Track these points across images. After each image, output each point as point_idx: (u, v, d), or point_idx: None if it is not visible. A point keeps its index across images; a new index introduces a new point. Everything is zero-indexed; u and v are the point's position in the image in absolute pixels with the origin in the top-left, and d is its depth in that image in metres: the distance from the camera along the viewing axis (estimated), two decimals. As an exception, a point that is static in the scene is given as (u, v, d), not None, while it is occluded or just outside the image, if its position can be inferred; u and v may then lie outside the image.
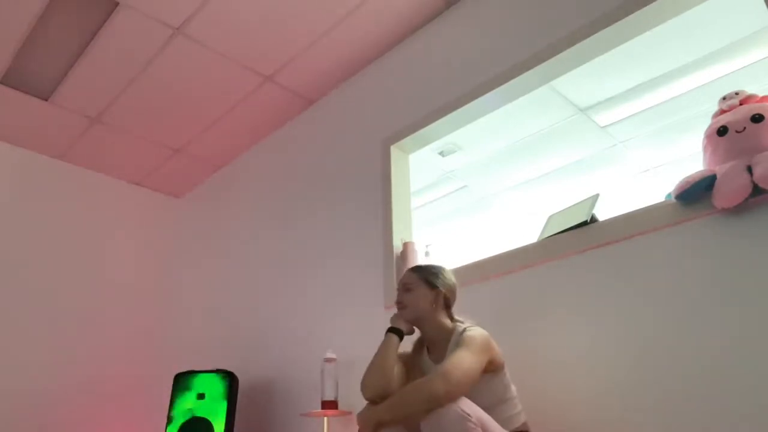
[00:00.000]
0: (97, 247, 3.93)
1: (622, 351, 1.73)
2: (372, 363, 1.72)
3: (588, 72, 2.63)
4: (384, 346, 1.74)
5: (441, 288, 1.77)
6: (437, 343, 1.74)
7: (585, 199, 2.06)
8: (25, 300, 3.50)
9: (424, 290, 1.76)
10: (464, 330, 1.66)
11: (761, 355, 1.45)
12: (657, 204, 1.79)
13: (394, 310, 2.40)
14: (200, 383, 2.95)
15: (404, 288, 1.79)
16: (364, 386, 1.69)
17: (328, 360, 2.49)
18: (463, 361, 1.53)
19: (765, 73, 2.86)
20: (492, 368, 1.63)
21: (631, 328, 1.73)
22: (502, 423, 1.59)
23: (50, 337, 3.54)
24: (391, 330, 1.77)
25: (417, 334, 1.83)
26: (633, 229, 1.79)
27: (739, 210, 1.57)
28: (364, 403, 1.68)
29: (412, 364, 1.79)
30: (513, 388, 1.70)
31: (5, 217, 3.57)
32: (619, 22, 2.04)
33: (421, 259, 2.65)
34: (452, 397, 1.45)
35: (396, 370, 1.70)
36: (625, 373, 1.70)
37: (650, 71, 2.93)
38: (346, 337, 2.66)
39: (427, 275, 1.79)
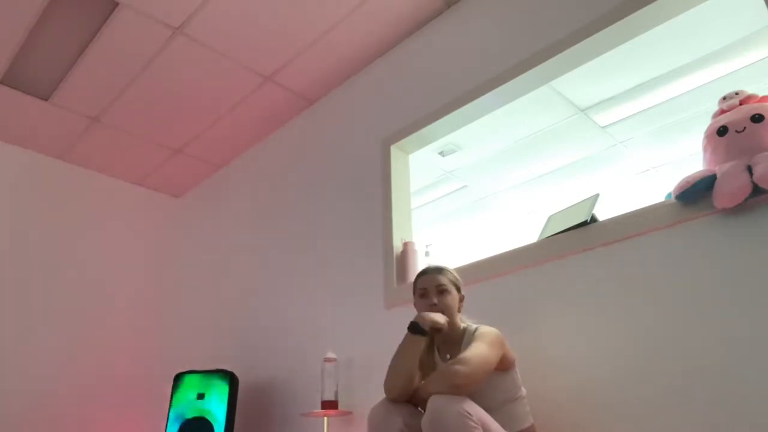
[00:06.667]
0: (97, 247, 3.93)
1: (622, 351, 1.73)
2: (397, 365, 1.66)
3: (588, 72, 2.64)
4: (410, 348, 1.66)
5: (462, 291, 1.84)
6: (450, 343, 1.75)
7: (585, 199, 2.06)
8: (24, 300, 3.50)
9: (455, 293, 1.80)
10: (476, 329, 1.71)
11: (761, 355, 1.45)
12: (657, 204, 1.79)
13: (394, 310, 2.43)
14: (200, 383, 2.95)
15: (438, 290, 1.77)
16: (390, 388, 1.65)
17: (328, 360, 2.49)
18: (480, 351, 1.57)
19: (765, 73, 2.86)
20: (504, 366, 1.66)
21: (631, 328, 1.73)
22: (511, 421, 1.61)
23: (50, 337, 3.54)
24: (417, 332, 1.67)
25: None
26: (633, 229, 1.79)
27: (739, 210, 1.57)
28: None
29: (424, 364, 1.77)
30: (523, 389, 1.71)
31: (5, 217, 3.58)
32: (619, 22, 2.04)
33: (421, 259, 2.65)
34: (470, 382, 1.49)
35: None
36: (624, 372, 1.70)
37: (650, 71, 2.93)
38: (346, 337, 2.66)
39: (453, 278, 1.82)
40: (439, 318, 1.69)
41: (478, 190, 4.16)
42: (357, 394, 2.49)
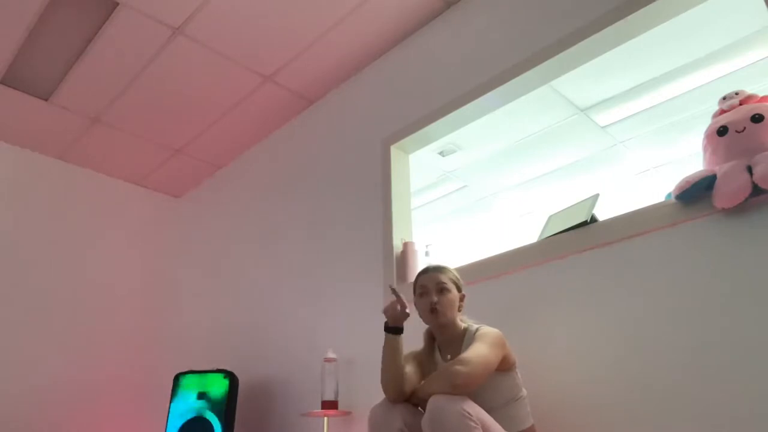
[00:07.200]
0: (97, 247, 3.93)
1: (622, 350, 1.73)
2: (382, 365, 1.68)
3: (588, 72, 2.63)
4: (387, 346, 1.68)
5: (463, 290, 1.82)
6: (451, 344, 1.75)
7: (585, 199, 2.06)
8: (24, 300, 3.50)
9: (455, 293, 1.78)
10: (477, 329, 1.71)
11: (761, 355, 1.46)
12: (657, 204, 1.79)
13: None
14: (200, 383, 2.95)
15: (438, 289, 1.76)
16: (384, 388, 1.67)
17: (328, 360, 2.49)
18: (481, 351, 1.57)
19: (765, 73, 2.86)
20: (505, 366, 1.66)
21: (630, 328, 1.73)
22: (512, 421, 1.61)
23: (50, 337, 3.54)
24: (387, 330, 1.70)
25: (414, 331, 1.83)
26: (633, 229, 1.79)
27: (739, 210, 1.57)
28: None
29: (425, 364, 1.78)
30: (524, 389, 1.71)
31: (5, 217, 3.57)
32: (619, 22, 2.04)
33: (421, 259, 2.65)
34: (470, 382, 1.50)
35: (409, 369, 1.69)
36: (624, 372, 1.70)
37: (650, 71, 2.93)
38: (346, 337, 2.66)
39: (454, 277, 1.81)
40: (398, 308, 1.69)
41: (478, 190, 4.15)
42: (357, 394, 2.49)
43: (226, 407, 2.82)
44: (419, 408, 1.62)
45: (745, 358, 1.48)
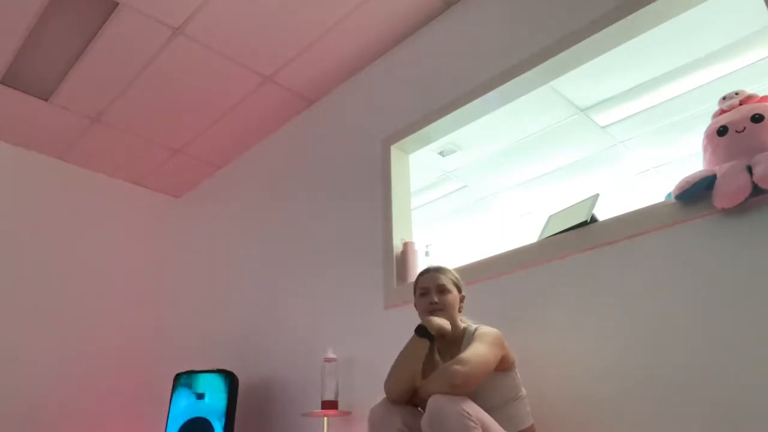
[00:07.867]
0: (97, 247, 3.93)
1: (622, 350, 1.73)
2: (400, 366, 1.66)
3: (588, 72, 2.63)
4: (415, 351, 1.66)
5: (463, 291, 1.83)
6: (450, 343, 1.74)
7: (585, 199, 2.06)
8: (23, 300, 3.50)
9: (455, 292, 1.80)
10: (476, 329, 1.71)
11: (761, 355, 1.46)
12: (657, 204, 1.79)
13: (394, 310, 2.43)
14: (200, 383, 2.95)
15: (439, 289, 1.77)
16: (392, 389, 1.65)
17: (328, 360, 2.49)
18: (479, 351, 1.57)
19: (765, 73, 2.86)
20: (504, 366, 1.66)
21: (630, 328, 1.73)
22: (512, 421, 1.61)
23: (50, 337, 3.54)
24: (424, 335, 1.66)
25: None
26: (633, 229, 1.79)
27: (739, 210, 1.57)
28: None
29: (424, 364, 1.77)
30: (523, 389, 1.71)
31: (5, 217, 3.57)
32: (619, 22, 2.04)
33: (421, 259, 2.66)
34: (469, 382, 1.50)
35: None
36: (624, 372, 1.70)
37: (650, 71, 2.93)
38: (346, 337, 2.66)
39: (454, 278, 1.82)
40: (446, 324, 1.70)
41: (478, 190, 4.16)
42: (357, 394, 2.49)
43: (226, 407, 2.82)
44: (419, 408, 1.62)
45: (745, 357, 1.48)
